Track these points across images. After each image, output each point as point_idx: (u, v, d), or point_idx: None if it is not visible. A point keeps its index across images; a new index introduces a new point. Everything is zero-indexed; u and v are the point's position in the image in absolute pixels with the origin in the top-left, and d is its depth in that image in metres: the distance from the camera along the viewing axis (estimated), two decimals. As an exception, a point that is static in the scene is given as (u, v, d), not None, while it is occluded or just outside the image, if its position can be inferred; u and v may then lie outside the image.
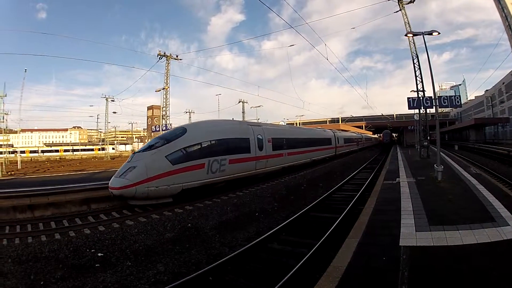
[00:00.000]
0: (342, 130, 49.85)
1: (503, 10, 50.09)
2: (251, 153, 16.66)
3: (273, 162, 19.10)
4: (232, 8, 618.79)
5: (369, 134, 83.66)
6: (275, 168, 19.53)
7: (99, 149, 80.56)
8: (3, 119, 45.89)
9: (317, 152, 28.29)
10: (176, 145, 12.55)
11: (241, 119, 53.11)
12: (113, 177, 11.75)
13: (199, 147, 13.33)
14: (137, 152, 13.71)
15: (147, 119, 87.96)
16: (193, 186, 12.67)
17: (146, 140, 59.61)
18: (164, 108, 37.93)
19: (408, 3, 26.62)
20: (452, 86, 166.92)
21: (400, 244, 6.04)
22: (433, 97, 15.57)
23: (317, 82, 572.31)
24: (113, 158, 58.25)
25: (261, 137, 17.81)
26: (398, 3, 26.80)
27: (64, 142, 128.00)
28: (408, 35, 21.99)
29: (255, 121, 50.69)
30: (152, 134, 40.65)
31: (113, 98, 57.11)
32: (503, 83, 62.13)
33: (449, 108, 78.01)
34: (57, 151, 79.27)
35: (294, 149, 22.52)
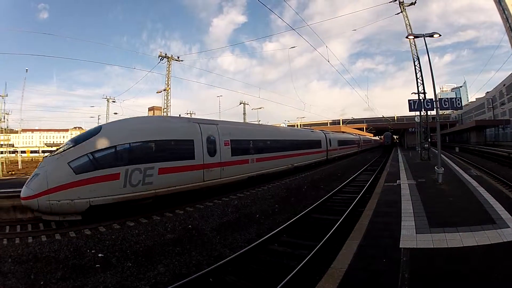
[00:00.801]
0: (337, 132, 46.75)
1: (504, 12, 50.04)
2: (196, 159, 12.99)
3: (233, 170, 15.25)
4: (234, 10, 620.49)
5: (369, 136, 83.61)
6: (237, 179, 15.59)
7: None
8: (4, 119, 46.07)
9: (302, 157, 24.45)
10: (83, 149, 10.11)
11: (242, 121, 53.10)
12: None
13: (113, 151, 10.50)
14: (47, 156, 11.53)
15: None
16: (105, 202, 9.98)
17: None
18: (165, 110, 37.98)
19: (409, 5, 26.64)
20: (453, 88, 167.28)
21: (400, 246, 6.04)
22: (434, 99, 15.59)
23: (319, 84, 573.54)
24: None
25: (213, 139, 14.20)
26: (399, 5, 26.83)
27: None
28: (409, 37, 22.07)
29: (256, 122, 50.63)
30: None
31: (114, 99, 57.06)
32: (504, 85, 62.03)
33: (450, 110, 77.95)
34: (58, 151, 79.02)
35: (266, 154, 18.60)
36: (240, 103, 60.24)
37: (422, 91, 26.32)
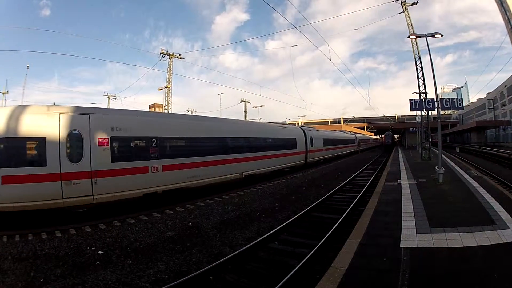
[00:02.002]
0: (324, 129, 40.66)
1: (506, 13, 49.89)
2: (49, 166, 9.21)
3: (119, 183, 10.52)
4: (236, 8, 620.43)
5: (369, 135, 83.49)
6: (128, 195, 10.78)
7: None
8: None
9: (261, 162, 18.21)
10: None
11: (243, 119, 53.03)
12: None
13: None
14: None
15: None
16: None
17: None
18: (166, 107, 37.99)
19: (411, 5, 26.61)
20: (454, 88, 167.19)
21: (401, 246, 6.03)
22: (435, 99, 15.57)
23: (320, 82, 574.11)
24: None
25: (77, 133, 9.87)
26: (401, 4, 26.79)
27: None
28: (411, 37, 22.05)
29: (256, 121, 50.54)
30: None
31: (115, 96, 57.04)
32: (505, 86, 61.98)
33: (451, 110, 77.85)
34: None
35: (183, 158, 12.85)
36: (241, 101, 60.28)
37: (424, 91, 26.30)
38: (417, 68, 26.71)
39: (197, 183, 13.39)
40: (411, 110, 17.05)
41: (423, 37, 16.23)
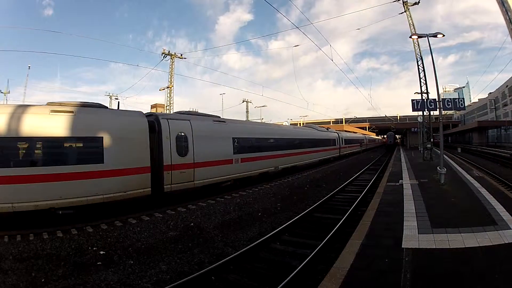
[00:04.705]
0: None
1: (507, 13, 49.71)
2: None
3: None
4: (240, 8, 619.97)
5: (372, 135, 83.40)
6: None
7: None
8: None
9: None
10: None
11: (245, 119, 53.10)
12: None
13: None
14: None
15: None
16: None
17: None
18: (168, 107, 38.04)
19: (412, 5, 26.57)
20: (456, 89, 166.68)
21: (402, 246, 6.03)
22: (437, 99, 15.54)
23: (323, 83, 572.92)
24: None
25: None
26: (403, 4, 26.75)
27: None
28: (412, 37, 21.98)
29: (259, 121, 50.49)
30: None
31: (117, 96, 57.04)
32: (507, 86, 61.92)
33: (452, 111, 77.72)
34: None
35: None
36: (243, 101, 60.34)
37: (425, 91, 26.27)
38: (419, 68, 26.67)
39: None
40: (413, 110, 17.02)
41: (425, 37, 16.23)
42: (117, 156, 10.22)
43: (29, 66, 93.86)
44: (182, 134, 12.53)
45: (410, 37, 22.41)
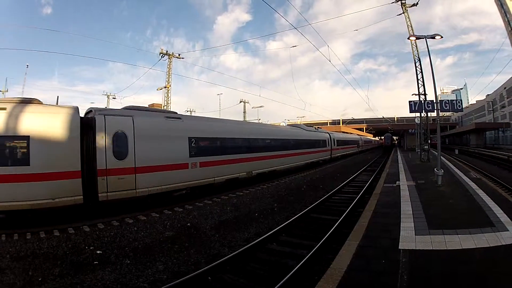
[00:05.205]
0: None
1: (506, 15, 49.91)
2: None
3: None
4: (239, 8, 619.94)
5: (368, 136, 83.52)
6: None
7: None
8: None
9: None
10: None
11: (242, 119, 53.09)
12: None
13: None
14: None
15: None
16: None
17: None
18: (165, 107, 38.00)
19: (411, 6, 26.63)
20: (453, 90, 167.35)
21: (399, 248, 6.03)
22: (434, 101, 15.57)
23: (321, 83, 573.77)
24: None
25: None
26: (401, 5, 26.82)
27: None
28: (411, 38, 22.04)
29: (256, 121, 50.52)
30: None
31: (114, 96, 56.90)
32: (505, 88, 61.98)
33: (450, 112, 77.93)
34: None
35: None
36: (240, 102, 60.35)
37: (423, 93, 26.32)
38: (416, 70, 26.76)
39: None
40: (410, 112, 17.01)
41: (423, 38, 16.27)
42: (45, 158, 9.07)
43: (27, 65, 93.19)
44: (121, 132, 10.60)
45: (408, 38, 22.47)
